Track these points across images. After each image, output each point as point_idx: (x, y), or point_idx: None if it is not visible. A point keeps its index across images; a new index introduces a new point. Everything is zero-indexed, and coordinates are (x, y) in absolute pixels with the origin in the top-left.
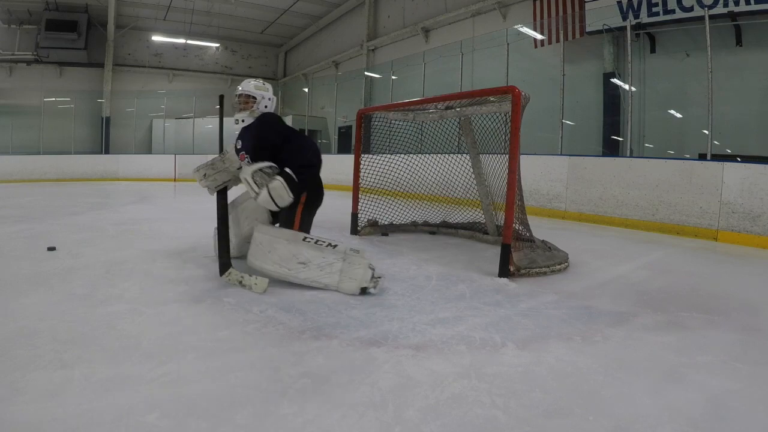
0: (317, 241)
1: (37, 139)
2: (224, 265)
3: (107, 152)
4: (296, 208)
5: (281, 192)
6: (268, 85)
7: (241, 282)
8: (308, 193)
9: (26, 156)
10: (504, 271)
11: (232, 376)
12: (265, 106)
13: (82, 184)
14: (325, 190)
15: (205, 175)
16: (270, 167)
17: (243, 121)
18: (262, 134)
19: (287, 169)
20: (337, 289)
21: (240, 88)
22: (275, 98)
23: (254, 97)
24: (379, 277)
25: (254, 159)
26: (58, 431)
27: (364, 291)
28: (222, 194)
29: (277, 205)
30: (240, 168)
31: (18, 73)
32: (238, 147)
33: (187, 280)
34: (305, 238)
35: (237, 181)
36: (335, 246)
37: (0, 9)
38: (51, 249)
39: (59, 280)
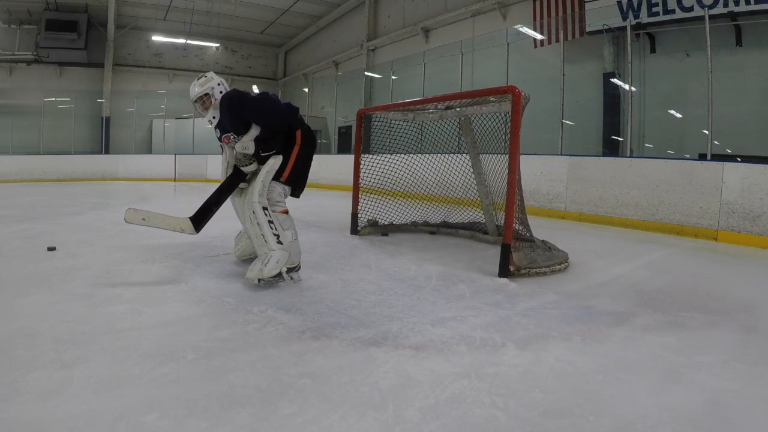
0: (271, 222)
1: (37, 139)
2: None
3: (107, 152)
4: (292, 149)
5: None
6: (210, 73)
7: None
8: (303, 136)
9: (26, 156)
10: (504, 271)
11: (232, 376)
12: (221, 92)
13: (82, 184)
14: (325, 190)
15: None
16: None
17: (215, 118)
18: (235, 112)
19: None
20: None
21: (191, 96)
22: (223, 79)
23: (207, 94)
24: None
25: (238, 133)
26: (58, 431)
27: (259, 281)
28: (236, 172)
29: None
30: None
31: (18, 73)
32: (218, 136)
33: (187, 280)
34: (266, 209)
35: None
36: (280, 241)
37: (0, 9)
38: (51, 249)
39: (59, 280)
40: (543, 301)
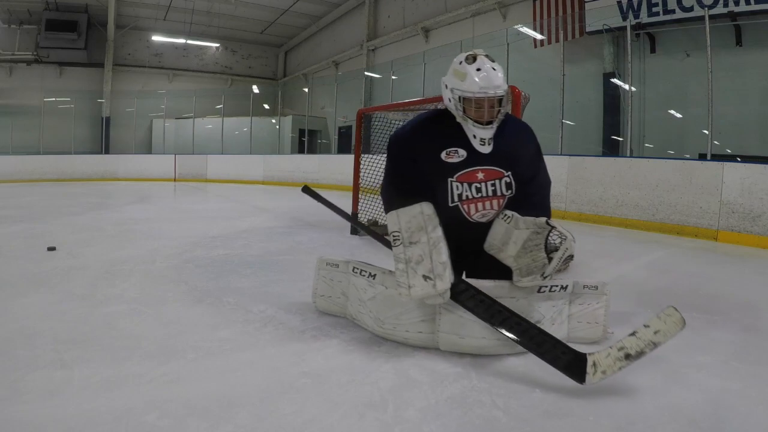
0: (551, 287)
1: (37, 139)
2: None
3: (107, 152)
4: None
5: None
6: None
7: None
8: None
9: (26, 156)
10: None
11: (232, 376)
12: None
13: (82, 184)
14: (325, 190)
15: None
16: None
17: (486, 143)
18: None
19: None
20: (567, 340)
21: (497, 84)
22: None
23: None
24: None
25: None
26: (58, 431)
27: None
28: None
29: None
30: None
31: (18, 73)
32: (453, 161)
33: (187, 280)
34: (540, 288)
35: None
36: (566, 287)
37: (0, 9)
38: (51, 249)
39: (59, 280)
40: None
